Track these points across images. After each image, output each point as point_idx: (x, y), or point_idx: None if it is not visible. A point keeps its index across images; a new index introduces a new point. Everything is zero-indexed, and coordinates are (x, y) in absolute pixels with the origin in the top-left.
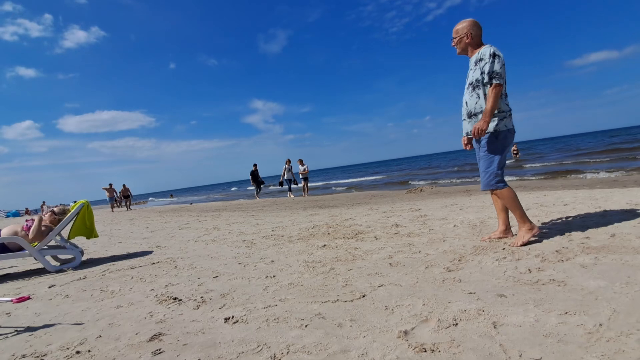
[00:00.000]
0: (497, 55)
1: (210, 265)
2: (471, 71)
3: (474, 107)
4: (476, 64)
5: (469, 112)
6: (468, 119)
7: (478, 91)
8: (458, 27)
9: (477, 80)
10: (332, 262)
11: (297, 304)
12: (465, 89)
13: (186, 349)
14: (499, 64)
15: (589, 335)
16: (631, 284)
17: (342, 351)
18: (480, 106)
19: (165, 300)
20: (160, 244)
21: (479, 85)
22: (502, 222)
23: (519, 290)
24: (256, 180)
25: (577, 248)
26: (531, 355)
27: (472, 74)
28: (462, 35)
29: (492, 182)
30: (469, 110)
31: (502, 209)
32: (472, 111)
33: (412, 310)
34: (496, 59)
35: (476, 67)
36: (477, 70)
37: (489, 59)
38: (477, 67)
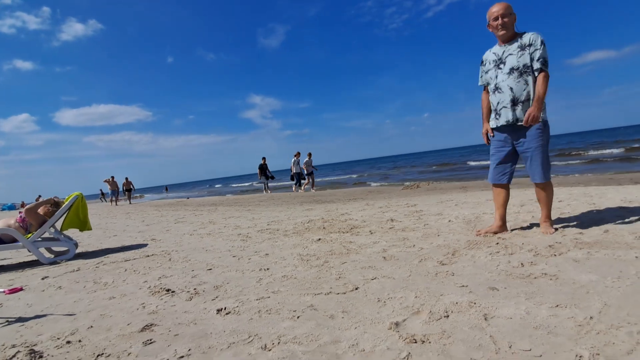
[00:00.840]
0: (545, 43)
1: (204, 258)
2: (513, 56)
3: (521, 93)
4: (522, 49)
5: (515, 99)
6: (512, 106)
7: (526, 77)
8: (504, 9)
9: (526, 65)
10: (326, 255)
11: (290, 296)
12: (506, 74)
13: (177, 339)
14: (546, 51)
15: (579, 328)
16: (623, 278)
17: (333, 342)
18: (528, 93)
19: (158, 291)
20: (155, 237)
21: (528, 72)
22: (500, 217)
23: (511, 284)
24: (265, 173)
25: (570, 243)
26: (521, 346)
27: (518, 58)
28: (512, 17)
29: (548, 174)
30: (515, 96)
31: (503, 205)
32: (518, 98)
33: (404, 302)
34: (544, 45)
35: (523, 52)
36: (525, 55)
37: (540, 46)
38: (524, 52)
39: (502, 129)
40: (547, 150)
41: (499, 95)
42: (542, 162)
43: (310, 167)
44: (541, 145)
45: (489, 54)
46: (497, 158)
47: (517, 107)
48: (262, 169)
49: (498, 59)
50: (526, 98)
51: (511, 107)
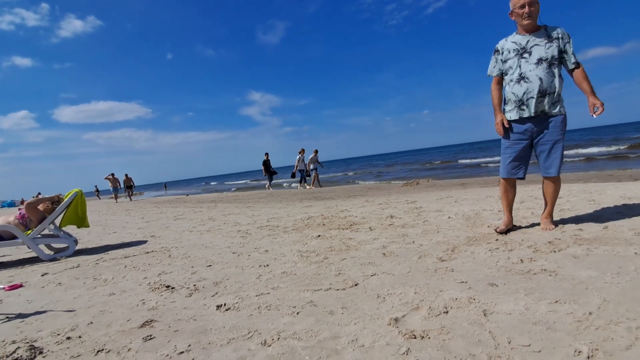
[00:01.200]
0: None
1: (204, 255)
2: (540, 47)
3: (549, 85)
4: (550, 40)
5: (543, 90)
6: (540, 97)
7: (554, 69)
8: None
9: (554, 57)
10: (326, 252)
11: (290, 292)
12: (534, 64)
13: (177, 335)
14: None
15: (578, 323)
16: (622, 274)
17: (332, 337)
18: (555, 86)
19: (157, 288)
20: (155, 234)
21: (555, 64)
22: (510, 212)
23: (511, 280)
24: (268, 170)
25: (570, 239)
26: (520, 342)
27: (546, 50)
28: (538, 6)
29: (560, 167)
30: (544, 87)
31: (512, 200)
32: (547, 89)
33: (404, 298)
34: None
35: (551, 44)
36: (554, 47)
37: (569, 39)
38: (552, 44)
39: (523, 121)
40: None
41: (526, 85)
42: (561, 155)
43: (316, 163)
44: (562, 138)
45: (506, 43)
46: (513, 151)
47: (545, 98)
48: (266, 165)
49: (521, 49)
50: (553, 90)
51: (538, 97)
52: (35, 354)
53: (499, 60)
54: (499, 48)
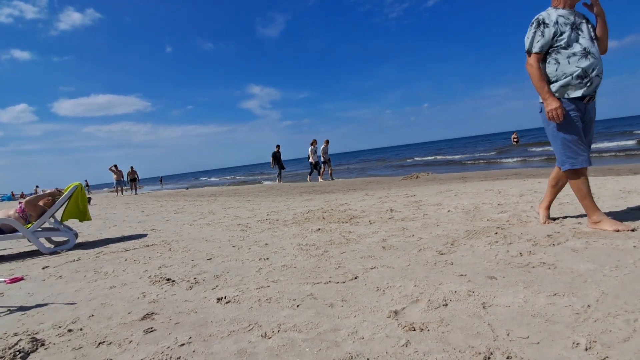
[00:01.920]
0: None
1: (204, 248)
2: (584, 24)
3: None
4: (587, 20)
5: (601, 70)
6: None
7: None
8: None
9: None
10: (325, 245)
11: (290, 285)
12: (590, 41)
13: (178, 328)
14: None
15: (577, 316)
16: (621, 267)
17: (332, 330)
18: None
19: (158, 281)
20: (155, 228)
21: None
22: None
23: (510, 273)
24: (278, 162)
25: (569, 233)
26: (518, 334)
27: (590, 29)
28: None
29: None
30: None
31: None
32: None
33: (403, 291)
34: None
35: (588, 24)
36: (591, 26)
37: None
38: (589, 24)
39: (583, 100)
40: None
41: (592, 60)
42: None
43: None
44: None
45: (553, 15)
46: (580, 133)
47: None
48: (276, 157)
49: (572, 23)
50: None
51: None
52: (37, 346)
53: (547, 33)
54: (547, 20)
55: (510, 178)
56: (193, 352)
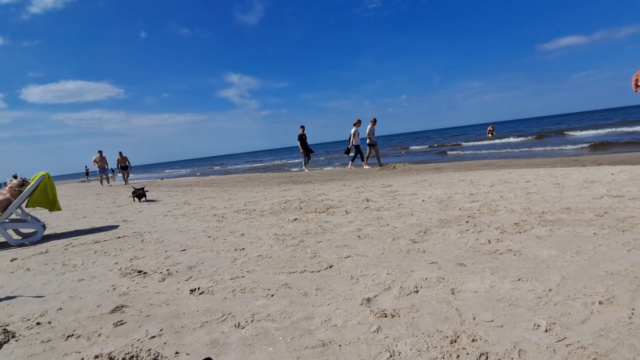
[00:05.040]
0: None
1: (178, 239)
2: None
3: None
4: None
5: None
6: None
7: None
8: None
9: None
10: (302, 235)
11: (265, 275)
12: None
13: (149, 320)
14: None
15: (539, 299)
16: (581, 253)
17: (305, 318)
18: None
19: (129, 273)
20: (127, 219)
21: None
22: None
23: (478, 260)
24: (305, 146)
25: (535, 221)
26: (484, 317)
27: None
28: None
29: None
30: None
31: None
32: None
33: (377, 279)
34: None
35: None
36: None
37: None
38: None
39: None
40: None
41: None
42: None
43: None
44: None
45: None
46: None
47: None
48: (303, 141)
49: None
50: None
51: None
52: (8, 338)
53: None
54: None
55: (482, 169)
56: (164, 344)
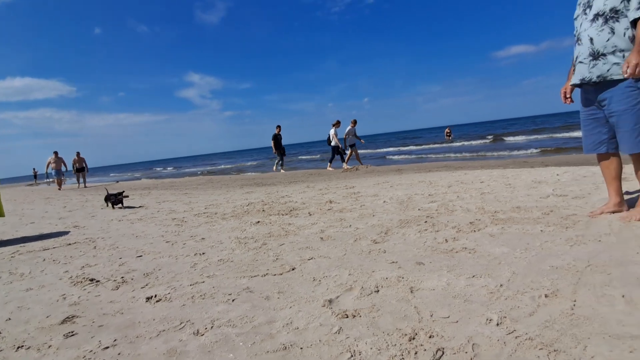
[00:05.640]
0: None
1: (134, 245)
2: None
3: (603, 45)
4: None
5: (596, 52)
6: (592, 60)
7: (613, 24)
8: None
9: (614, 9)
10: (264, 237)
11: (226, 280)
12: (589, 21)
13: (102, 330)
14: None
15: (491, 295)
16: (529, 249)
17: (267, 322)
18: (614, 44)
19: (80, 282)
20: (78, 224)
21: (616, 17)
22: (616, 193)
23: (436, 258)
24: (279, 147)
25: (488, 219)
26: (441, 314)
27: (605, 1)
28: None
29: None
30: (596, 48)
31: (616, 177)
32: (600, 50)
33: (339, 280)
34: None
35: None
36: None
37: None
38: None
39: (587, 90)
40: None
41: (578, 47)
42: (633, 127)
43: (354, 138)
44: (631, 107)
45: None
46: (586, 124)
47: (598, 61)
48: (278, 141)
49: (585, 2)
50: (611, 50)
51: (589, 61)
52: None
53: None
54: (577, 4)
55: (440, 170)
56: (118, 354)
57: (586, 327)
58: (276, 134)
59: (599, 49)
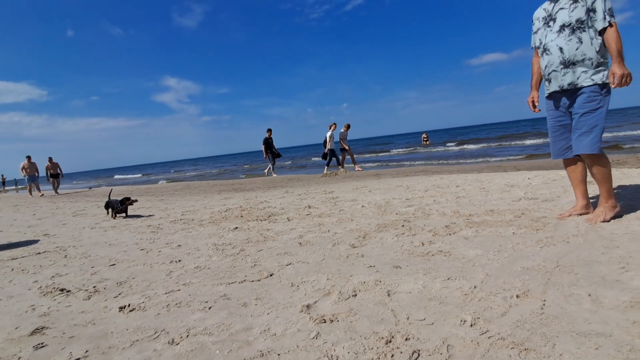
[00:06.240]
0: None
1: (107, 253)
2: (564, 10)
3: (573, 53)
4: (576, 0)
5: (566, 60)
6: (563, 68)
7: (580, 34)
8: None
9: (579, 20)
10: (242, 244)
11: (202, 287)
12: (555, 32)
13: (73, 342)
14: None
15: (465, 296)
16: (502, 251)
17: (244, 329)
18: (583, 53)
19: (50, 292)
20: (48, 232)
21: (582, 27)
22: (583, 195)
23: (412, 262)
24: (271, 150)
25: (463, 223)
26: (417, 317)
27: (570, 12)
28: None
29: (597, 145)
30: (567, 58)
31: (582, 181)
32: (570, 59)
33: (317, 285)
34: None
35: (576, 5)
36: (580, 7)
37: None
38: (577, 4)
39: (555, 97)
40: (602, 117)
41: (547, 57)
42: (588, 130)
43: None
44: (592, 110)
45: (539, 11)
46: (554, 130)
47: (569, 69)
48: (269, 145)
49: (548, 16)
50: (580, 59)
51: (561, 69)
52: None
53: (533, 31)
54: (533, 18)
55: (418, 174)
56: None
57: (555, 326)
58: (267, 137)
59: (569, 57)
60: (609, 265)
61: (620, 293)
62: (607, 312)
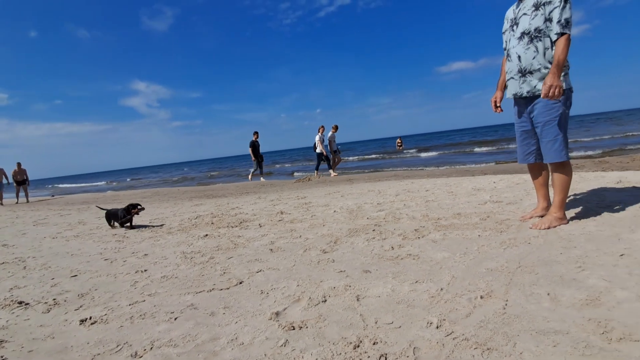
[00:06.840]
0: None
1: (68, 264)
2: (526, 17)
3: (530, 62)
4: (537, 8)
5: (523, 69)
6: (521, 77)
7: (537, 43)
8: None
9: (538, 29)
10: (212, 251)
11: (169, 297)
12: (517, 39)
13: (31, 356)
14: (570, 10)
15: (432, 299)
16: (468, 254)
17: (211, 339)
18: (539, 62)
19: (8, 305)
20: (7, 243)
21: (540, 36)
22: (544, 198)
23: (382, 266)
24: (257, 154)
25: (432, 226)
26: (385, 320)
27: (530, 20)
28: None
29: (564, 152)
30: (523, 66)
31: (543, 184)
32: (527, 68)
33: (287, 291)
34: (568, 3)
35: (537, 13)
36: (539, 16)
37: (560, 3)
38: (537, 12)
39: (518, 103)
40: (564, 123)
41: (508, 64)
42: (553, 138)
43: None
44: (552, 118)
45: (509, 11)
46: (518, 135)
47: (526, 78)
48: (256, 148)
49: (513, 19)
50: (537, 68)
51: (519, 77)
52: None
53: (502, 30)
54: (505, 16)
55: (390, 179)
56: None
57: (516, 325)
58: (253, 140)
59: (526, 66)
60: (567, 264)
61: (577, 291)
62: (564, 310)
